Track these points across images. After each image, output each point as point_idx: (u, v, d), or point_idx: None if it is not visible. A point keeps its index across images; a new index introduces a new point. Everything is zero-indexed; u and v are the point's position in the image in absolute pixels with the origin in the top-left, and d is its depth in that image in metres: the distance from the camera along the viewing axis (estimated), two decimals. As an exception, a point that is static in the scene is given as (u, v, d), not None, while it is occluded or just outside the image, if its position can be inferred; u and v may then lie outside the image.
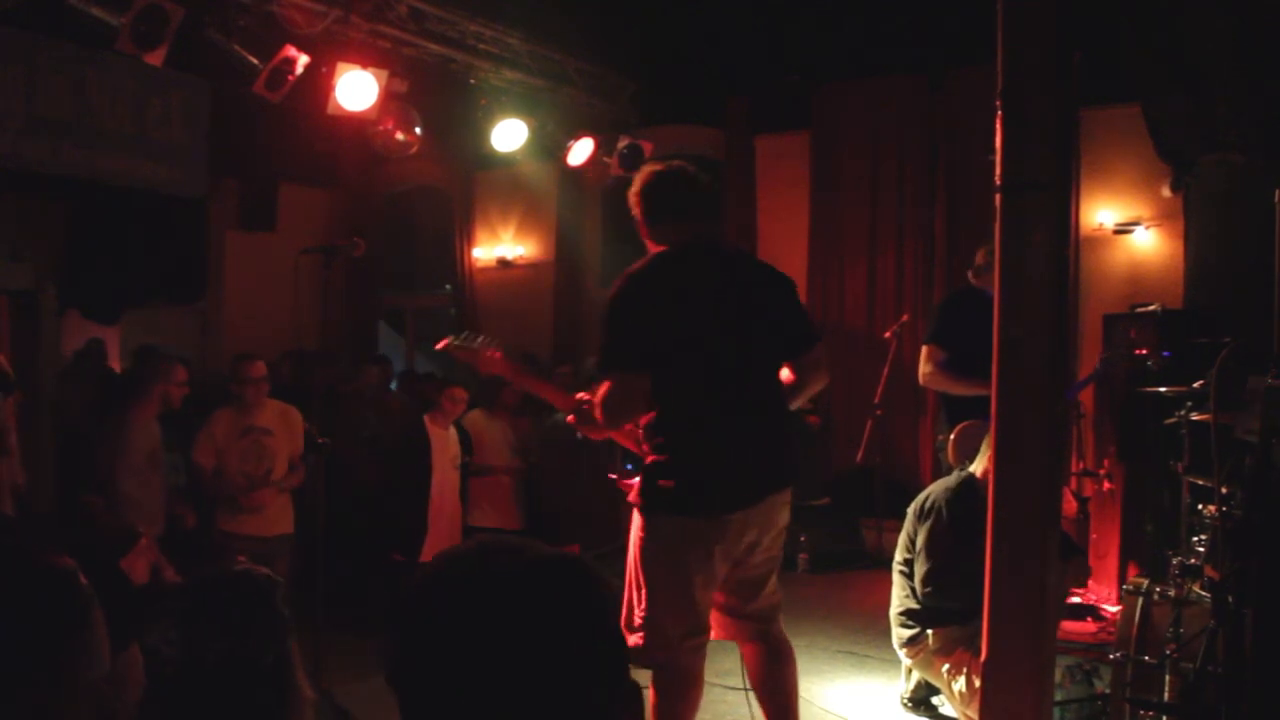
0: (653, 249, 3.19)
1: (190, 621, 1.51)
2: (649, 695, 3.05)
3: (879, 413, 7.15)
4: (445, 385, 5.98)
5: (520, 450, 6.36)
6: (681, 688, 3.05)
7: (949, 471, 4.75)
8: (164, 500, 4.65)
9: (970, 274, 5.24)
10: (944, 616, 4.03)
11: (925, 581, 4.06)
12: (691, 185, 3.19)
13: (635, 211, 3.23)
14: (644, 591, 3.02)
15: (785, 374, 3.18)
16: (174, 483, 4.86)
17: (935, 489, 4.24)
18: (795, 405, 3.18)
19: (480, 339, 3.41)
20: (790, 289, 3.24)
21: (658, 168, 3.24)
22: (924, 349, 5.09)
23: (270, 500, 4.84)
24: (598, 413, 3.04)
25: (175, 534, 4.73)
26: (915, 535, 4.19)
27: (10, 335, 8.48)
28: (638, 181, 3.22)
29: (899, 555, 4.32)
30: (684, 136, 8.90)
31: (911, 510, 4.29)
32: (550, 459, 6.11)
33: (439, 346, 3.46)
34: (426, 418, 5.83)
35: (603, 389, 2.99)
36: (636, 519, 3.09)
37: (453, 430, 5.93)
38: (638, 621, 3.03)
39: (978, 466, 4.09)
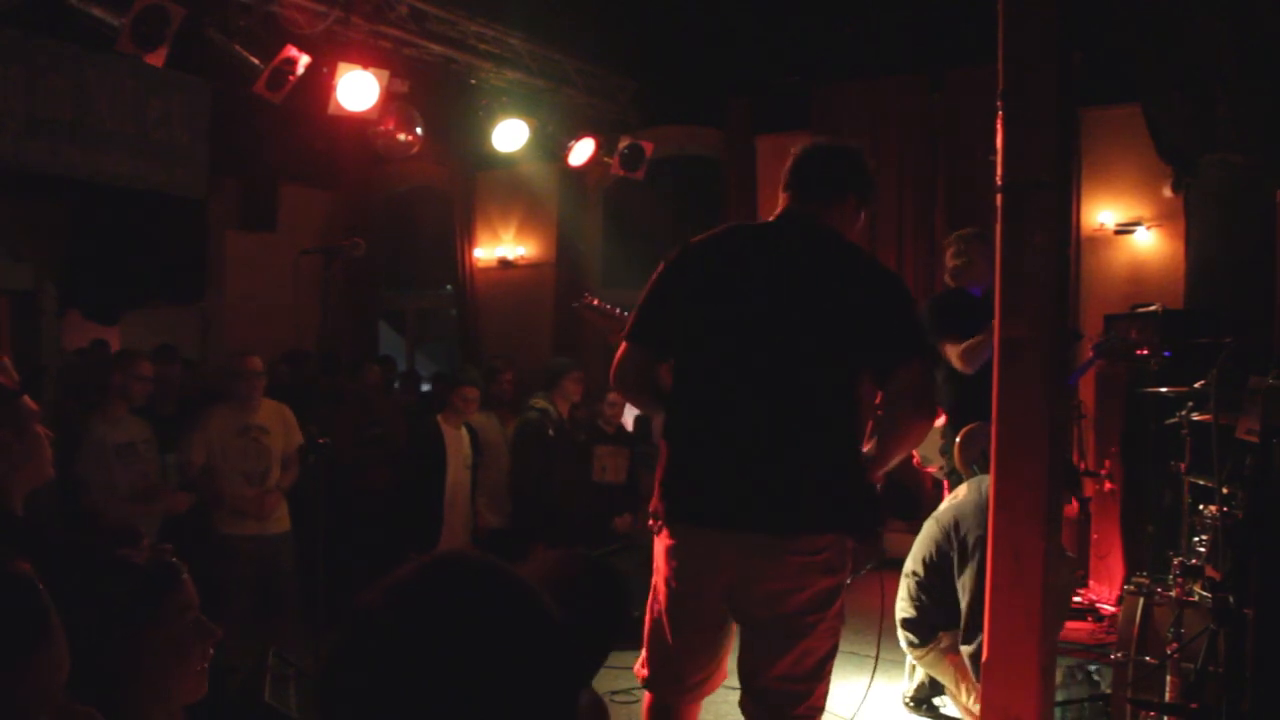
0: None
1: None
2: None
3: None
4: (456, 384, 5.94)
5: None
6: None
7: (953, 475, 4.70)
8: (134, 492, 4.59)
9: (947, 277, 4.91)
10: (955, 619, 3.99)
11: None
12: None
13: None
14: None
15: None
16: (174, 484, 4.84)
17: (970, 517, 3.96)
18: (887, 452, 2.87)
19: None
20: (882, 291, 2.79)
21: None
22: (944, 348, 4.55)
23: (275, 504, 4.82)
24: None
25: (178, 538, 4.71)
26: (949, 550, 4.01)
27: (10, 335, 8.50)
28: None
29: (911, 565, 4.21)
30: (684, 136, 8.91)
31: (942, 528, 4.08)
32: (523, 459, 6.06)
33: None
34: (439, 417, 5.83)
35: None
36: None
37: (464, 430, 5.91)
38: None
39: None
